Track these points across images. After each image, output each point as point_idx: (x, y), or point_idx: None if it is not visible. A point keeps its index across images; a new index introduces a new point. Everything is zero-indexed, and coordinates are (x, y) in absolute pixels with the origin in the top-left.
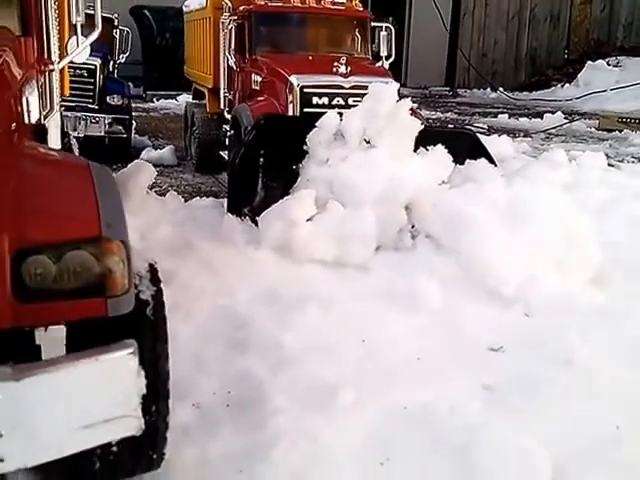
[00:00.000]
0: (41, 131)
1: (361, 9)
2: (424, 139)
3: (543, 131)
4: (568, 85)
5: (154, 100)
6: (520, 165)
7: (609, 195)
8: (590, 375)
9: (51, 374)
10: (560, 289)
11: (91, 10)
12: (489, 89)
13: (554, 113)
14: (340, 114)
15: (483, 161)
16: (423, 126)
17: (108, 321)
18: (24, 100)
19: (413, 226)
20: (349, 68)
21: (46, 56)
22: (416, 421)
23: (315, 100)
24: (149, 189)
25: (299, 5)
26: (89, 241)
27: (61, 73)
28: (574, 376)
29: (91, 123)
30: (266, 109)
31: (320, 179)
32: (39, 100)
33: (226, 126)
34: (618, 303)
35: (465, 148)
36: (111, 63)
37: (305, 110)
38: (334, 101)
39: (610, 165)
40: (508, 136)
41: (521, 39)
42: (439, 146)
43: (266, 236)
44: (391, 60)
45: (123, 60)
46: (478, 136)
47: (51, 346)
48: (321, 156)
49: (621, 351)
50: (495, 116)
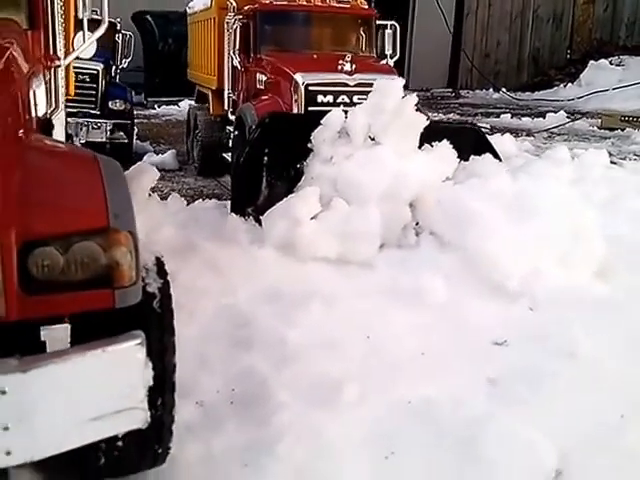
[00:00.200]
0: (47, 126)
1: (366, 7)
2: (429, 135)
3: (545, 130)
4: (571, 85)
5: (155, 107)
6: (523, 162)
7: (612, 191)
8: (594, 367)
9: (58, 365)
10: (565, 282)
11: (97, 15)
12: (491, 90)
13: (557, 112)
14: (345, 112)
15: (488, 156)
16: (428, 121)
17: (115, 313)
18: (31, 93)
19: (417, 223)
20: (354, 66)
21: (52, 52)
22: (420, 415)
23: (320, 98)
24: (151, 192)
25: (304, 4)
26: (97, 232)
27: (66, 72)
28: (578, 368)
29: (93, 129)
30: (271, 108)
31: (324, 177)
32: (46, 94)
33: (230, 127)
34: (622, 296)
35: (470, 143)
36: (113, 68)
37: (310, 108)
38: (339, 99)
39: (612, 162)
40: (511, 135)
41: (524, 39)
42: (444, 142)
43: (270, 235)
44: (396, 58)
45: (126, 65)
46: (483, 131)
47: (56, 343)
48: (325, 154)
49: (625, 343)
50: (498, 116)
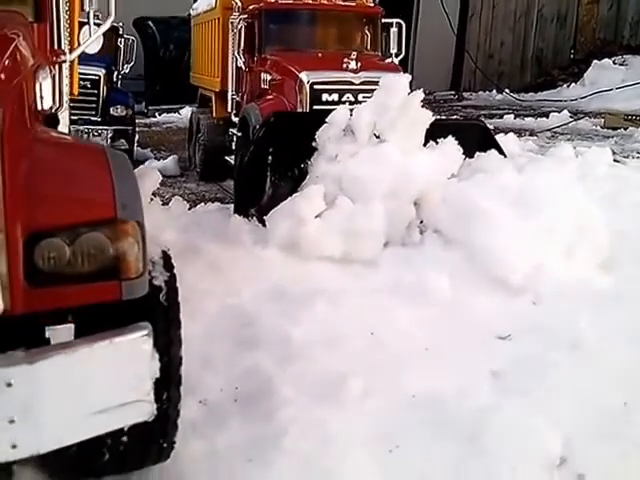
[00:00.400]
0: (53, 120)
1: (372, 5)
2: (434, 131)
3: (549, 130)
4: (574, 85)
5: (156, 115)
6: (527, 161)
7: (615, 187)
8: (598, 358)
9: (65, 357)
10: (568, 276)
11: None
12: (495, 91)
13: (560, 112)
14: (350, 110)
15: (493, 152)
16: (434, 118)
17: (121, 306)
18: (37, 85)
19: (422, 221)
20: (359, 64)
21: (57, 46)
22: (424, 409)
23: (325, 97)
24: (153, 197)
25: (310, 2)
26: (104, 223)
27: (71, 69)
28: (582, 360)
29: (94, 136)
30: (275, 107)
31: (329, 175)
32: (52, 88)
33: (233, 130)
34: (625, 289)
35: (475, 139)
36: (115, 74)
37: (315, 107)
38: (344, 97)
39: (616, 160)
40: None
41: (528, 40)
42: (449, 138)
43: (274, 234)
44: (401, 57)
45: (127, 70)
46: (488, 127)
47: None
48: (330, 152)
49: (628, 335)
50: (501, 117)
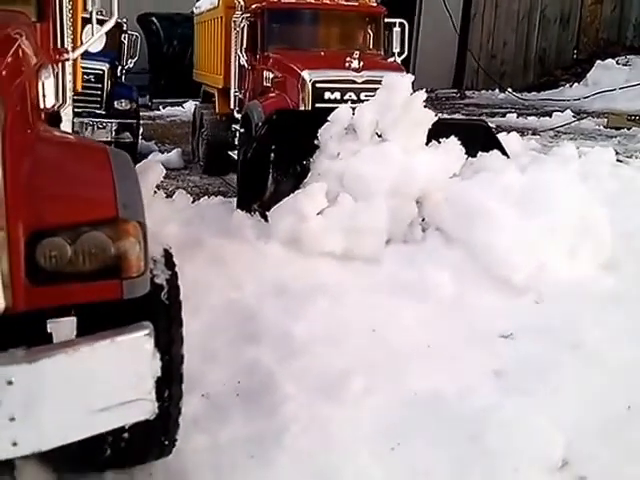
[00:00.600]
0: (56, 118)
1: (374, 4)
2: (436, 131)
3: (552, 129)
4: (577, 85)
5: (160, 108)
6: (530, 160)
7: (618, 187)
8: (600, 359)
9: (66, 355)
10: (571, 276)
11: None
12: (497, 90)
13: (563, 112)
14: (352, 108)
15: (496, 152)
16: (436, 118)
17: (122, 304)
18: (40, 85)
19: (423, 219)
20: (362, 63)
21: (60, 45)
22: (426, 406)
23: (327, 95)
24: (157, 189)
25: (312, 1)
26: (106, 222)
27: (74, 66)
28: (584, 360)
29: (98, 129)
30: (277, 105)
31: (331, 173)
32: (54, 86)
33: (235, 126)
34: (628, 288)
35: (478, 139)
36: (119, 68)
37: (317, 105)
38: (346, 96)
39: (619, 160)
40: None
41: (530, 40)
42: (452, 138)
43: (276, 230)
44: (404, 56)
45: (132, 65)
46: (491, 127)
47: (62, 335)
48: (332, 150)
49: (631, 335)
50: (503, 116)
